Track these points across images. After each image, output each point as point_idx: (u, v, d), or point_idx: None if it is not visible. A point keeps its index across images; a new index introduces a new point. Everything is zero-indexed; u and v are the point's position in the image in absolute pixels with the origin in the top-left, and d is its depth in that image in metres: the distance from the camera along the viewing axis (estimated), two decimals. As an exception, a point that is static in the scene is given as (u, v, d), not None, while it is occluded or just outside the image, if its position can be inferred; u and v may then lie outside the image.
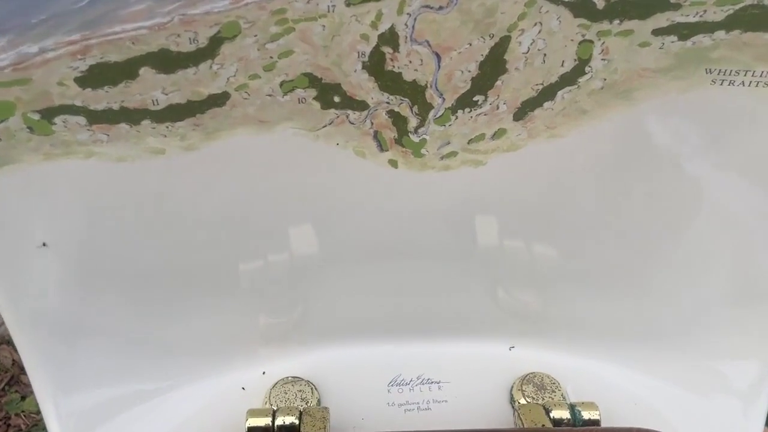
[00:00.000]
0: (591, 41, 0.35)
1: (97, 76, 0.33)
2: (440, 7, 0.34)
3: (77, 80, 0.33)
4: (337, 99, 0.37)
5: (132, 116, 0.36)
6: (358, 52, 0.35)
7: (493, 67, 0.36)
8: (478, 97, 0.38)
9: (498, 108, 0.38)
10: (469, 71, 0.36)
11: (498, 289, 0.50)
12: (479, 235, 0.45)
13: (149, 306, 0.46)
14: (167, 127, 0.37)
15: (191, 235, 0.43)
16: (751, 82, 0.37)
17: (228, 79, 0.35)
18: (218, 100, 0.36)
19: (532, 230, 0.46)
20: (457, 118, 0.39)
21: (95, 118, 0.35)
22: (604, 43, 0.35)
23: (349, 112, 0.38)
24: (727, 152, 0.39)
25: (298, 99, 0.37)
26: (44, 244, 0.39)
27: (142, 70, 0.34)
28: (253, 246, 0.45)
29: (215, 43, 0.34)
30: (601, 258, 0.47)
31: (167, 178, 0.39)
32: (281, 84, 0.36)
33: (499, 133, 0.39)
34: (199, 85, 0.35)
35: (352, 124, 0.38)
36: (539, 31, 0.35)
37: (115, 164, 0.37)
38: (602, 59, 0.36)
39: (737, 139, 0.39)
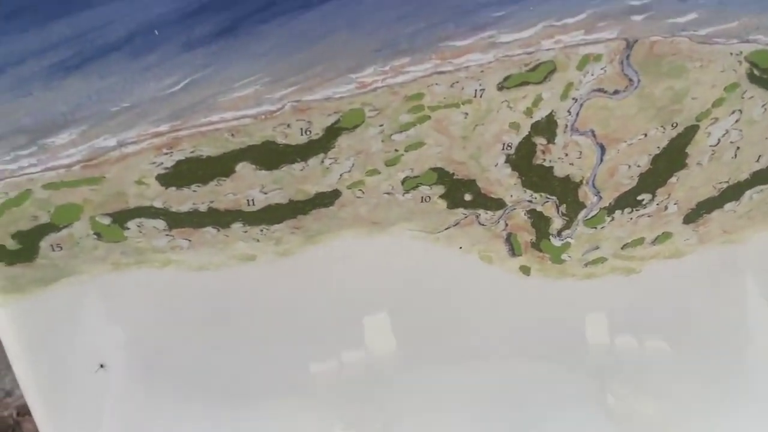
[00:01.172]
0: (801, 133, 0.28)
1: (185, 173, 0.27)
2: (616, 91, 0.27)
3: (159, 178, 0.27)
4: (468, 197, 0.31)
5: (221, 219, 0.29)
6: (504, 144, 0.29)
7: (669, 161, 0.30)
8: (644, 196, 0.31)
9: (666, 209, 0.31)
10: (639, 166, 0.30)
11: (610, 398, 0.43)
12: (617, 347, 0.38)
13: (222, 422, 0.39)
14: (261, 231, 0.30)
15: (274, 343, 0.36)
16: None
17: (341, 175, 0.29)
18: (326, 199, 0.30)
19: (683, 341, 0.38)
20: (613, 219, 0.32)
21: (177, 221, 0.29)
22: (817, 135, 0.29)
23: (481, 211, 0.31)
24: None
25: (422, 197, 0.30)
26: (102, 366, 0.33)
27: (240, 166, 0.28)
28: (339, 351, 0.38)
29: (332, 134, 0.27)
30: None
31: (254, 287, 0.32)
32: (404, 180, 0.30)
33: (662, 238, 0.33)
34: (305, 182, 0.29)
35: (482, 225, 0.32)
36: (736, 121, 0.28)
37: (194, 273, 0.31)
38: (811, 154, 0.29)
39: None
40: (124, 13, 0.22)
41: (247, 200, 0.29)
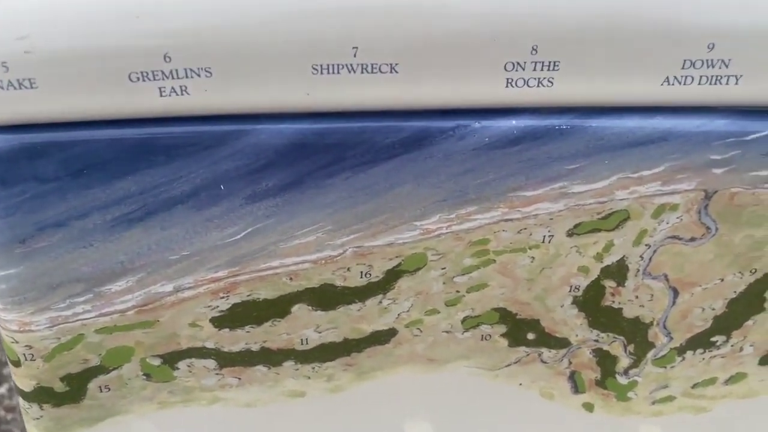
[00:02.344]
0: None
1: (240, 315, 0.26)
2: (692, 239, 0.26)
3: (214, 320, 0.27)
4: (531, 336, 0.29)
5: (273, 358, 0.28)
6: (571, 286, 0.28)
7: (746, 305, 0.28)
8: (718, 338, 0.29)
9: (741, 350, 0.30)
10: (713, 309, 0.28)
11: None
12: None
13: None
14: (313, 368, 0.29)
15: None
16: None
17: (399, 314, 0.28)
18: (382, 337, 0.29)
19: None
20: (684, 359, 0.30)
21: (228, 360, 0.28)
22: None
23: (544, 350, 0.30)
24: None
25: (482, 336, 0.29)
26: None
27: (296, 308, 0.27)
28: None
29: (392, 276, 0.27)
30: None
31: (303, 423, 0.31)
32: (464, 319, 0.29)
33: (736, 378, 0.31)
34: (362, 321, 0.28)
35: (544, 363, 0.30)
36: (821, 268, 0.27)
37: (241, 410, 0.30)
38: None
39: None
40: (190, 170, 0.22)
41: (301, 340, 0.28)
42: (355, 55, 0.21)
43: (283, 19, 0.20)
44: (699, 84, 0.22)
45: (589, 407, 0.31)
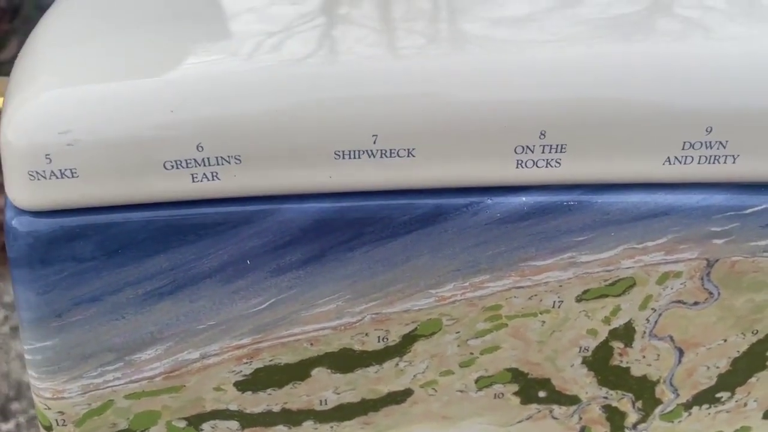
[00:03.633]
0: None
1: (262, 379, 0.27)
2: (695, 303, 0.27)
3: (237, 384, 0.28)
4: (542, 394, 0.30)
5: (293, 418, 0.29)
6: (581, 347, 0.29)
7: (749, 363, 0.29)
8: (723, 394, 0.30)
9: (746, 405, 0.31)
10: (717, 367, 0.29)
11: None
12: None
13: None
14: (331, 428, 0.30)
15: None
16: None
17: (415, 375, 0.29)
18: (398, 397, 0.30)
19: None
20: (690, 414, 0.31)
21: (250, 422, 0.29)
22: None
23: (555, 407, 0.31)
24: None
25: (495, 394, 0.30)
26: None
27: (316, 371, 0.28)
28: None
29: (408, 341, 0.28)
30: None
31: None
32: (477, 380, 0.29)
33: (740, 431, 0.32)
34: (378, 383, 0.29)
35: (555, 419, 0.31)
36: (821, 329, 0.28)
37: (262, 467, 0.31)
38: None
39: None
40: (218, 248, 0.23)
41: (320, 400, 0.29)
42: (374, 142, 0.22)
43: (306, 109, 0.22)
44: (698, 163, 0.23)
45: (599, 460, 0.32)
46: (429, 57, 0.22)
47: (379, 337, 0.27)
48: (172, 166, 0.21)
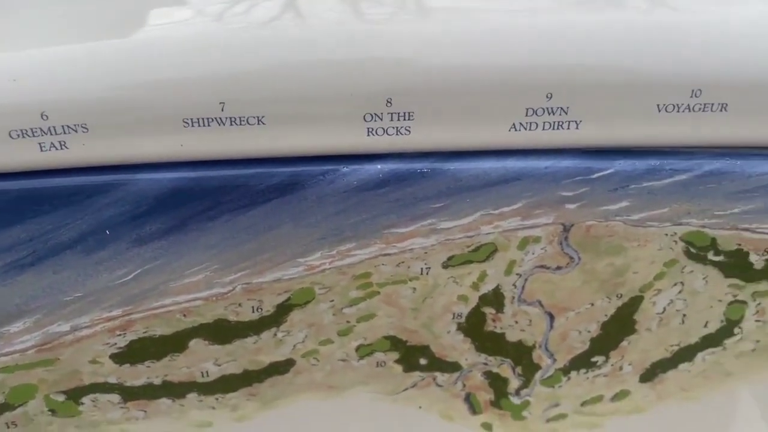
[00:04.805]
0: (744, 302, 0.29)
1: (138, 351, 0.28)
2: (558, 268, 0.28)
3: (113, 357, 0.28)
4: (423, 361, 0.31)
5: (176, 390, 0.30)
6: (454, 314, 0.29)
7: (618, 327, 0.30)
8: (598, 358, 0.31)
9: (621, 369, 0.32)
10: (589, 332, 0.30)
11: None
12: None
13: None
14: (217, 399, 0.30)
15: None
16: None
17: (295, 345, 0.29)
18: (280, 367, 0.30)
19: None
20: (569, 379, 0.32)
21: (131, 394, 0.29)
22: (760, 304, 0.29)
23: (437, 374, 0.31)
24: None
25: (377, 362, 0.31)
26: None
27: (193, 342, 0.28)
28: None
29: (283, 310, 0.28)
30: None
31: (212, 452, 0.32)
32: (357, 348, 0.30)
33: (620, 395, 0.33)
34: (259, 354, 0.29)
35: (440, 386, 0.32)
36: (679, 291, 0.29)
37: (150, 440, 0.31)
38: (757, 320, 0.29)
39: None
40: (75, 218, 0.23)
41: (201, 372, 0.29)
42: (222, 110, 0.22)
43: (153, 79, 0.22)
44: (543, 129, 0.24)
45: (488, 427, 0.33)
46: (274, 25, 0.23)
47: (253, 307, 0.27)
48: (18, 135, 0.22)
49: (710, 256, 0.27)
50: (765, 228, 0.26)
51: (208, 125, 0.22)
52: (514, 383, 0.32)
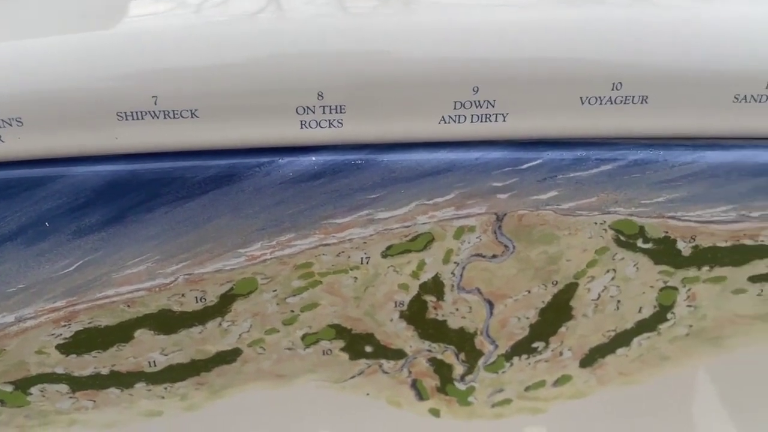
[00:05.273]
0: (675, 288, 0.30)
1: (84, 341, 0.28)
2: (494, 256, 0.29)
3: (59, 347, 0.28)
4: (369, 349, 0.32)
5: (124, 380, 0.30)
6: (396, 302, 0.30)
7: (556, 314, 0.31)
8: (538, 344, 0.32)
9: (561, 354, 0.33)
10: (527, 318, 0.31)
11: None
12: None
13: None
14: (165, 389, 0.31)
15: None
16: None
17: (240, 335, 0.30)
18: (227, 356, 0.31)
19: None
20: (512, 364, 0.33)
21: (79, 384, 0.30)
22: (690, 289, 0.30)
23: (383, 361, 0.32)
24: None
25: (323, 351, 0.31)
26: None
27: (138, 333, 0.29)
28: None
29: (226, 300, 0.29)
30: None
31: (164, 441, 0.33)
32: (303, 337, 0.31)
33: (562, 380, 0.33)
34: (205, 343, 0.30)
35: (386, 373, 0.33)
36: (612, 278, 0.30)
37: (101, 431, 0.32)
38: (688, 305, 0.30)
39: None
40: (14, 210, 0.24)
41: (149, 362, 0.29)
42: (155, 103, 0.23)
43: (85, 73, 0.22)
44: (471, 122, 0.24)
45: (435, 413, 0.34)
46: (204, 20, 0.23)
47: (196, 297, 0.28)
48: (-48, 129, 0.22)
49: (639, 243, 0.28)
50: (690, 216, 0.27)
51: (142, 118, 0.23)
52: (459, 369, 0.32)
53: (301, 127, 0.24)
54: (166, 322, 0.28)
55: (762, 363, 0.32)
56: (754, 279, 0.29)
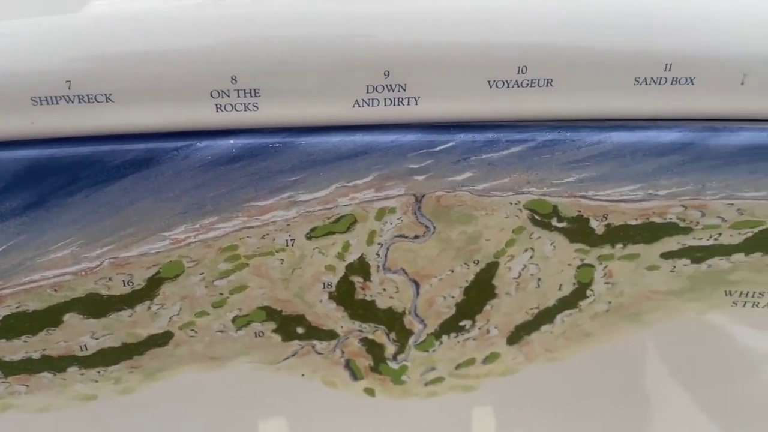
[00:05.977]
0: (591, 265, 0.31)
1: (12, 326, 0.28)
2: (416, 237, 0.30)
3: (-13, 332, 0.29)
4: (300, 330, 0.32)
5: (56, 364, 0.30)
6: (324, 283, 0.31)
7: (480, 292, 0.32)
8: (465, 322, 0.33)
9: (488, 332, 0.34)
10: (453, 297, 0.32)
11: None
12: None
13: None
14: (99, 372, 0.31)
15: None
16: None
17: (170, 318, 0.30)
18: (159, 339, 0.31)
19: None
20: (441, 343, 0.34)
21: (11, 369, 0.30)
22: (606, 267, 0.31)
23: (315, 342, 0.33)
24: (753, 381, 0.35)
25: (255, 333, 0.32)
26: None
27: (67, 317, 0.29)
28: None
29: (154, 283, 0.29)
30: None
31: (98, 425, 0.33)
32: (234, 319, 0.31)
33: (491, 357, 0.35)
34: (135, 326, 0.30)
35: (319, 354, 0.33)
36: (531, 257, 0.31)
37: (36, 415, 0.32)
38: (605, 282, 0.32)
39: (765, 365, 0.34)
40: (-68, 195, 0.24)
41: (80, 346, 0.30)
42: (69, 88, 0.23)
43: (-2, 59, 0.23)
44: (385, 105, 0.25)
45: (370, 392, 0.35)
46: (118, 4, 0.24)
47: (123, 281, 0.28)
48: None
49: (554, 222, 0.29)
50: (600, 195, 0.28)
51: (57, 103, 0.23)
52: (391, 349, 0.33)
53: (217, 111, 0.25)
54: (95, 305, 0.28)
55: (678, 338, 0.33)
56: (665, 255, 0.30)
